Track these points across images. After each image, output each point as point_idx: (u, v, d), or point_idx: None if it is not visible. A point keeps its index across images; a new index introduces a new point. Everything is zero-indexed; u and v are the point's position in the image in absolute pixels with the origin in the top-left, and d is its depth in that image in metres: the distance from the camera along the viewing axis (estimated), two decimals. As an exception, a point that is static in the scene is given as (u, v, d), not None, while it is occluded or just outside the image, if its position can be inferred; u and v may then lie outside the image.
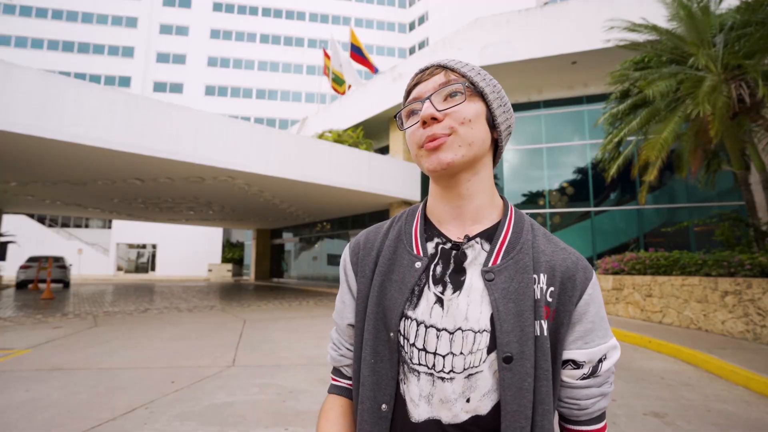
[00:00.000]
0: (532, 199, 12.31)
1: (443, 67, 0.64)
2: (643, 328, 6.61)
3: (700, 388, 3.95)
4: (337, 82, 18.05)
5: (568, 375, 0.61)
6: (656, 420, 3.14)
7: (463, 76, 0.63)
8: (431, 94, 0.61)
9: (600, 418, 0.63)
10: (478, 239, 0.63)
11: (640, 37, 7.95)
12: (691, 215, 10.40)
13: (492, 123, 0.64)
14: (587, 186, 11.72)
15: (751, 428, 3.01)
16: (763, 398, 3.69)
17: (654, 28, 7.58)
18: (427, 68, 0.65)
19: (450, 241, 0.64)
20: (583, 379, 0.61)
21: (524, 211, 0.70)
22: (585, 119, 11.91)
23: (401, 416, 0.60)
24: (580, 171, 11.93)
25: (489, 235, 0.64)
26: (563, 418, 0.64)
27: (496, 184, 14.83)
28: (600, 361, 0.61)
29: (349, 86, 18.27)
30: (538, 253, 0.62)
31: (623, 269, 7.92)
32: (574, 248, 0.66)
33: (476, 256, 0.62)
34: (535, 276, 0.60)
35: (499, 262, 0.60)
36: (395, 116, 0.69)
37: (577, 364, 0.60)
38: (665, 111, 7.54)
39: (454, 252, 0.63)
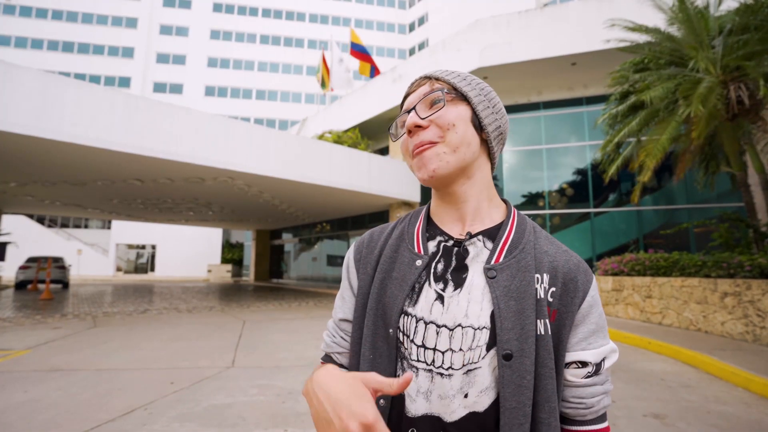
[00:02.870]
0: (532, 200, 12.30)
1: (429, 78, 0.66)
2: (642, 329, 6.61)
3: (700, 390, 3.94)
4: (322, 84, 18.30)
5: (573, 374, 0.62)
6: (656, 421, 3.14)
7: (447, 83, 0.65)
8: (416, 104, 0.64)
9: (603, 417, 0.64)
10: (480, 237, 0.64)
11: (639, 38, 7.95)
12: (691, 216, 10.41)
13: (479, 125, 0.65)
14: (587, 187, 11.72)
15: (751, 430, 3.01)
16: (763, 400, 3.69)
17: (653, 31, 7.59)
18: (415, 81, 0.68)
19: (452, 238, 0.65)
20: (588, 377, 0.61)
21: (524, 212, 0.70)
22: (585, 120, 11.91)
23: (398, 411, 0.61)
24: (580, 172, 11.93)
25: (491, 234, 0.65)
26: (568, 420, 0.64)
27: (496, 185, 14.92)
28: (603, 360, 0.62)
29: (331, 89, 18.23)
30: (540, 254, 0.63)
31: (623, 270, 7.92)
32: (574, 250, 0.67)
33: (478, 253, 0.63)
34: (538, 275, 0.61)
35: (501, 260, 0.61)
36: (388, 129, 0.72)
37: (583, 364, 0.61)
38: (664, 112, 7.54)
39: (456, 249, 0.64)
